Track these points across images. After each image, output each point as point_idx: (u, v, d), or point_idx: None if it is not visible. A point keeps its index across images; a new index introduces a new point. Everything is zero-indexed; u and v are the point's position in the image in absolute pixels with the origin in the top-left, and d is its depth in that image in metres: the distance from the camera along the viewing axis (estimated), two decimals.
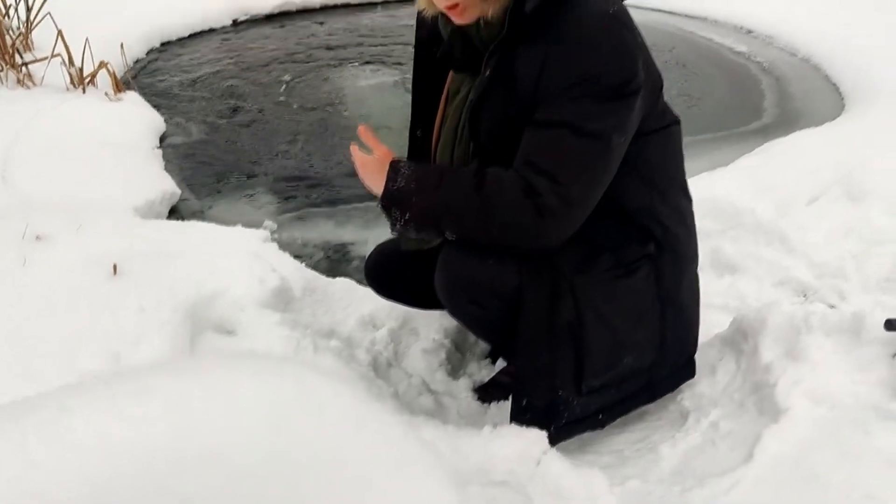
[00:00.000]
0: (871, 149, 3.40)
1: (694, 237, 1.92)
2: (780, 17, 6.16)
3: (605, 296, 1.73)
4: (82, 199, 3.11)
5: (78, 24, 4.85)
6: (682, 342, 1.93)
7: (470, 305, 1.77)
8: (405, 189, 1.62)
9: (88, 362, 2.01)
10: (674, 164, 1.84)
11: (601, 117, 1.54)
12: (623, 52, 1.56)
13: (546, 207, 1.53)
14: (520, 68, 1.58)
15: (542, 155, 1.55)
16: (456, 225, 1.62)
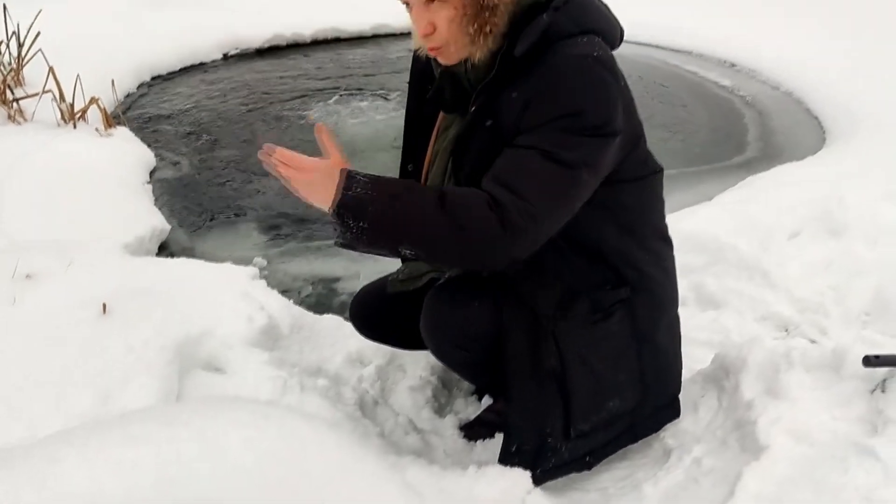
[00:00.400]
0: (850, 182, 3.46)
1: (672, 280, 1.95)
2: (762, 51, 6.26)
3: (585, 341, 1.77)
4: (73, 237, 3.13)
5: (69, 59, 4.90)
6: (663, 382, 1.96)
7: (454, 349, 1.81)
8: (362, 196, 1.51)
9: (77, 403, 2.02)
10: (652, 212, 1.86)
11: (573, 149, 1.55)
12: (603, 94, 1.59)
13: (509, 221, 1.49)
14: (505, 110, 1.61)
15: (510, 172, 1.54)
16: (415, 237, 1.53)
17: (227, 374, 2.26)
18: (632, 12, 7.22)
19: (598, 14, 1.69)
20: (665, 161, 4.33)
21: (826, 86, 5.40)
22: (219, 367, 2.30)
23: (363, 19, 7.31)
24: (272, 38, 7.10)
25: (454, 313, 1.74)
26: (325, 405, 2.04)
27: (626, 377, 1.84)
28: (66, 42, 5.34)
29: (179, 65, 6.43)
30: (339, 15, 7.42)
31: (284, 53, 7.01)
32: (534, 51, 1.57)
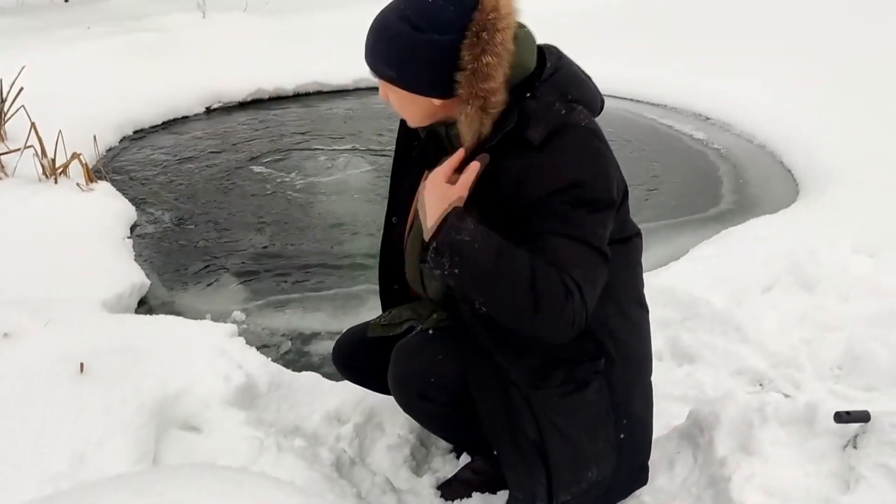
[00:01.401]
0: (822, 236, 3.53)
1: (648, 348, 1.97)
2: (736, 105, 6.38)
3: (561, 411, 1.78)
4: (51, 294, 3.13)
5: (52, 114, 4.95)
6: (637, 450, 1.97)
7: (419, 400, 1.85)
8: (467, 243, 1.57)
9: (52, 465, 2.01)
10: (631, 276, 1.88)
11: (596, 231, 1.63)
12: (603, 164, 1.66)
13: (574, 312, 1.55)
14: (502, 171, 1.65)
15: (574, 266, 1.58)
16: (496, 299, 1.59)
17: (204, 434, 2.25)
18: (608, 67, 7.38)
19: (583, 87, 1.75)
20: (641, 214, 4.43)
21: (799, 138, 5.50)
22: (196, 426, 2.29)
23: (345, 73, 7.40)
24: (255, 92, 7.18)
25: (419, 362, 1.79)
26: (301, 466, 2.03)
27: (604, 445, 1.85)
28: (49, 97, 5.38)
29: (162, 119, 6.49)
30: (321, 69, 7.53)
31: (267, 106, 7.09)
32: (524, 115, 1.62)
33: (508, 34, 1.59)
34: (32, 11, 11.03)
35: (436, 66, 1.60)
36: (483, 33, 1.56)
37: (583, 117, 1.66)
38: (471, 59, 1.57)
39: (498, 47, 1.57)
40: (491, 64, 1.56)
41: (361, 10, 10.06)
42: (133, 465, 2.01)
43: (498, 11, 1.58)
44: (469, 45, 1.57)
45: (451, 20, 1.58)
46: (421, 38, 1.59)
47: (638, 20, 9.15)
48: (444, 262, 1.58)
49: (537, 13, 8.37)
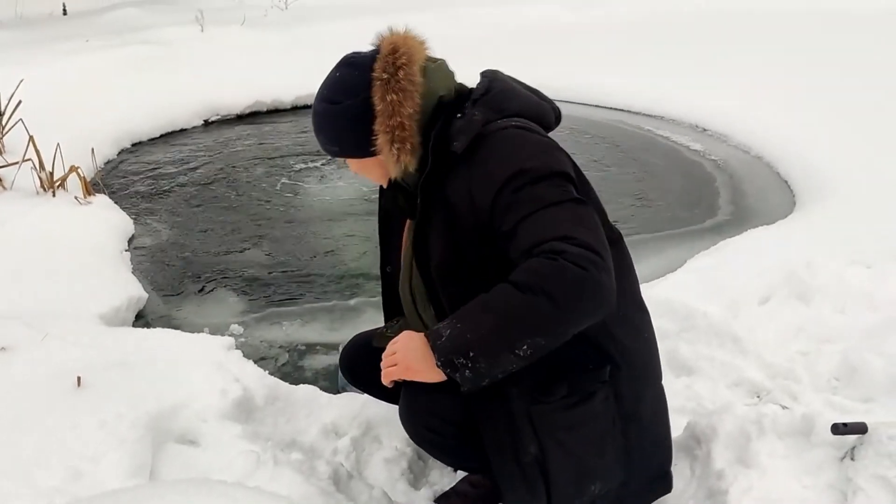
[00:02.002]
0: (818, 247, 3.53)
1: (654, 350, 1.95)
2: (733, 116, 6.39)
3: (565, 425, 1.77)
4: (49, 308, 3.13)
5: (50, 127, 4.96)
6: (650, 458, 1.94)
7: (427, 432, 1.85)
8: (455, 334, 1.56)
9: (48, 479, 2.01)
10: (624, 279, 1.85)
11: (551, 191, 1.62)
12: (533, 148, 1.69)
13: (577, 258, 1.51)
14: (452, 195, 1.71)
15: (537, 232, 1.57)
16: (522, 331, 1.53)
17: (202, 448, 2.25)
18: (606, 79, 7.39)
19: (520, 100, 1.81)
20: (638, 226, 4.44)
21: (795, 150, 5.51)
22: (193, 440, 2.29)
23: None
24: (253, 105, 7.20)
25: (425, 397, 1.78)
26: (298, 480, 2.03)
27: (611, 458, 1.83)
28: (47, 110, 5.41)
29: (160, 131, 6.50)
30: (320, 81, 7.49)
31: (265, 119, 7.11)
32: (459, 138, 1.69)
33: (412, 69, 1.69)
34: (31, 24, 11.08)
35: (358, 127, 1.72)
36: (384, 75, 1.68)
37: (509, 122, 1.72)
38: (379, 102, 1.69)
39: (402, 83, 1.68)
40: (395, 100, 1.67)
41: (359, 22, 10.17)
42: (129, 480, 2.00)
43: (396, 52, 1.70)
44: (376, 91, 1.69)
45: (357, 82, 1.72)
46: (338, 108, 1.74)
47: (635, 33, 9.20)
48: (460, 361, 1.55)
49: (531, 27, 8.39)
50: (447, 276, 1.77)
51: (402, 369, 1.66)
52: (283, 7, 11.64)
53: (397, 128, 1.69)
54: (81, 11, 12.85)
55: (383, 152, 1.72)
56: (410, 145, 1.71)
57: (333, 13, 10.56)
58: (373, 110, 1.70)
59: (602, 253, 1.55)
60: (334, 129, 1.79)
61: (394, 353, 1.68)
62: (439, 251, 1.75)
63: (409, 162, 1.72)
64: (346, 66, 1.78)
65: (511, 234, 1.61)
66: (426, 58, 1.76)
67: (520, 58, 8.39)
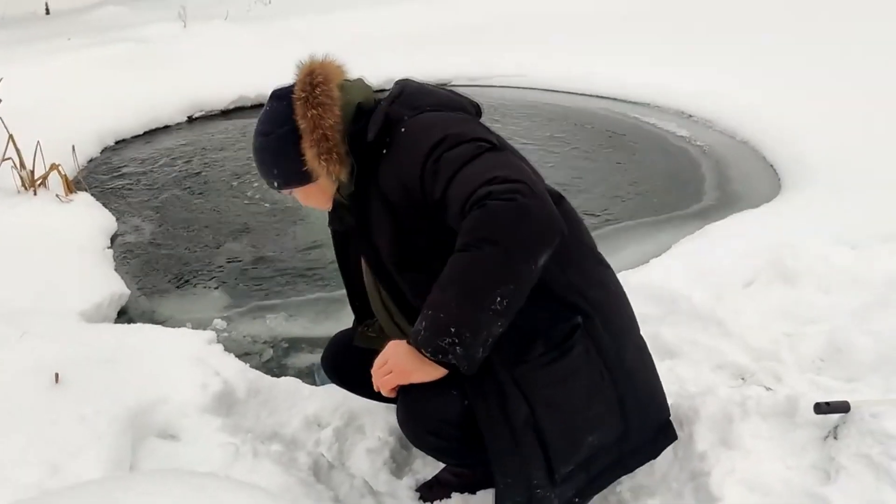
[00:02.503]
0: (802, 230, 3.52)
1: (622, 301, 1.96)
2: (718, 102, 6.38)
3: (549, 381, 1.76)
4: (29, 305, 3.11)
5: (30, 125, 4.92)
6: (646, 407, 1.93)
7: (430, 436, 1.83)
8: (428, 322, 1.60)
9: (26, 475, 1.99)
10: (579, 238, 1.88)
11: (467, 151, 1.67)
12: (445, 122, 1.76)
13: (500, 193, 1.56)
14: (384, 187, 1.77)
15: (464, 189, 1.62)
16: (485, 286, 1.55)
17: (182, 442, 2.24)
18: (591, 66, 7.36)
19: (434, 96, 1.88)
20: (624, 212, 4.42)
21: (781, 134, 5.50)
22: (173, 434, 2.28)
23: None
24: (237, 100, 7.17)
25: (427, 402, 1.77)
26: (277, 471, 2.01)
27: (603, 408, 1.82)
28: (28, 109, 5.37)
29: (143, 128, 6.47)
30: None
31: (249, 114, 7.07)
32: (382, 137, 1.77)
33: (328, 86, 1.79)
34: (13, 24, 11.00)
35: (290, 151, 1.80)
36: (302, 94, 1.78)
37: (424, 111, 1.79)
38: (301, 120, 1.78)
39: (319, 98, 1.77)
40: (315, 115, 1.76)
41: (342, 15, 10.13)
42: (108, 474, 1.98)
43: (312, 73, 1.79)
44: (297, 111, 1.78)
45: (283, 111, 1.81)
46: (270, 139, 1.84)
47: (618, 20, 9.18)
48: (450, 344, 1.58)
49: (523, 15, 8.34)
50: (401, 265, 1.81)
51: (397, 375, 1.70)
52: (267, 1, 11.60)
53: (321, 140, 1.77)
54: (64, 10, 12.78)
55: (313, 167, 1.80)
56: (336, 154, 1.78)
57: (317, 6, 10.52)
58: (300, 132, 1.78)
59: (525, 180, 1.60)
60: (271, 160, 1.87)
61: (385, 363, 1.71)
62: (386, 244, 1.80)
63: (338, 172, 1.80)
64: (273, 100, 1.87)
65: (443, 202, 1.66)
66: (344, 77, 1.86)
67: (505, 47, 8.40)
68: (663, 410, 2.01)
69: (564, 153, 5.69)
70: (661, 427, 2.01)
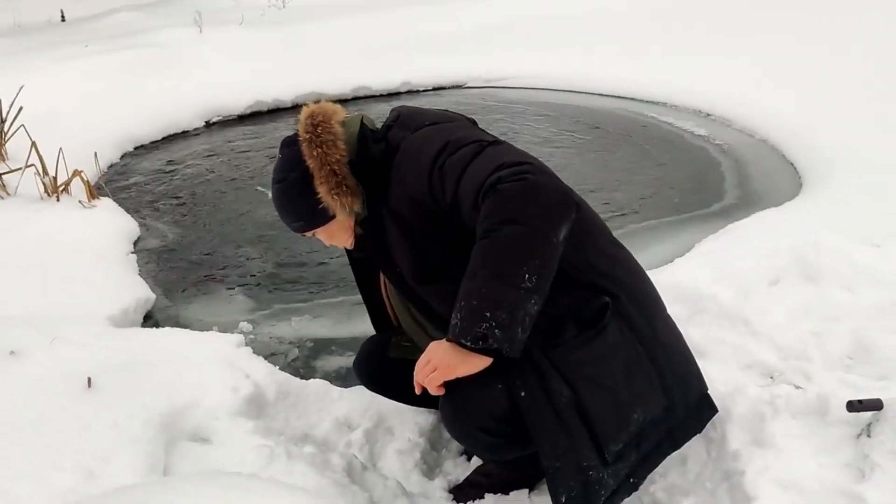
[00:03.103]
0: (826, 227, 3.51)
1: (645, 279, 1.99)
2: (736, 100, 6.36)
3: (587, 360, 1.77)
4: (57, 312, 3.13)
5: (52, 132, 4.98)
6: (684, 380, 1.94)
7: (479, 433, 1.83)
8: (463, 314, 1.63)
9: (62, 481, 2.01)
10: (597, 230, 1.93)
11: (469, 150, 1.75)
12: (447, 131, 1.85)
13: (509, 175, 1.63)
14: (395, 205, 1.84)
15: (473, 185, 1.68)
16: (512, 265, 1.61)
17: (214, 445, 2.25)
18: (608, 66, 7.34)
19: (429, 116, 1.96)
20: (645, 212, 4.41)
21: (800, 131, 5.47)
22: (205, 437, 2.29)
23: (343, 83, 7.41)
24: (253, 105, 7.20)
25: (475, 398, 1.78)
26: (311, 473, 2.02)
27: (644, 384, 1.83)
28: (49, 116, 5.43)
29: (161, 134, 6.51)
30: (319, 79, 7.53)
31: (266, 118, 7.11)
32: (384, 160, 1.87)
33: (330, 124, 1.87)
34: (30, 32, 11.09)
35: (306, 193, 1.88)
36: (306, 135, 1.87)
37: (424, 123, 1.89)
38: (309, 159, 1.85)
39: (322, 136, 1.85)
40: (321, 153, 1.84)
41: (357, 19, 10.15)
42: (142, 479, 1.99)
43: (312, 116, 1.88)
44: (304, 152, 1.86)
45: (294, 156, 1.90)
46: (286, 185, 1.93)
47: (636, 19, 9.17)
48: (488, 329, 1.62)
49: (530, 18, 8.33)
50: (422, 278, 1.87)
51: (442, 371, 1.72)
52: (281, 6, 11.64)
53: (330, 175, 1.85)
54: (80, 17, 12.87)
55: (328, 203, 1.87)
56: (347, 187, 1.86)
57: (330, 11, 10.55)
58: (311, 173, 1.86)
59: (528, 161, 1.70)
60: (291, 205, 1.96)
61: (429, 362, 1.74)
62: (405, 261, 1.87)
63: (351, 203, 1.87)
64: (283, 148, 1.96)
65: (455, 204, 1.72)
66: (343, 116, 1.94)
67: (520, 49, 8.39)
68: (702, 382, 2.03)
69: (582, 153, 5.69)
70: (703, 398, 2.03)
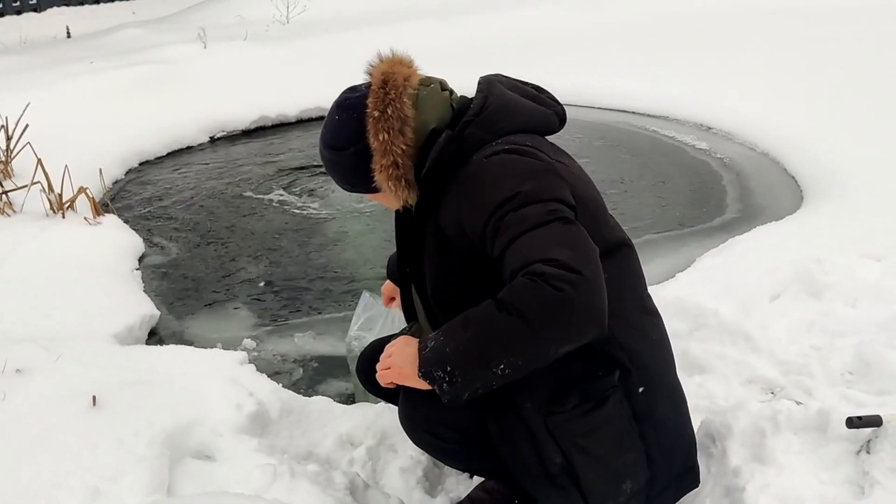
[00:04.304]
0: (828, 242, 3.53)
1: (664, 349, 1.95)
2: (738, 114, 6.38)
3: (582, 430, 1.78)
4: (62, 329, 3.15)
5: (57, 149, 5.01)
6: (671, 454, 1.93)
7: (429, 436, 1.88)
8: (436, 346, 1.61)
9: (67, 499, 2.03)
10: (629, 288, 1.86)
11: (536, 213, 1.61)
12: (521, 172, 1.69)
13: (555, 279, 1.49)
14: (444, 224, 1.78)
15: (522, 256, 1.57)
16: (498, 350, 1.54)
17: (218, 463, 2.27)
18: (610, 80, 7.34)
19: (516, 114, 1.83)
20: (646, 226, 4.42)
21: (802, 145, 5.49)
22: (209, 455, 2.31)
23: None
24: (258, 120, 7.23)
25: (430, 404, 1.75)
26: (315, 491, 2.04)
27: (634, 456, 1.83)
28: (54, 133, 5.45)
29: (166, 150, 6.54)
30: (324, 94, 7.51)
31: (270, 133, 7.13)
32: (441, 167, 1.76)
33: (401, 104, 1.76)
34: (35, 49, 11.15)
35: (362, 168, 1.80)
36: (375, 112, 1.75)
37: (500, 147, 1.74)
38: (373, 140, 1.77)
39: (391, 120, 1.75)
40: (385, 140, 1.75)
41: (360, 33, 10.16)
42: (148, 497, 2.02)
43: (385, 87, 1.77)
44: (370, 131, 1.77)
45: (355, 127, 1.79)
46: (343, 155, 1.83)
47: (637, 33, 9.20)
48: (438, 374, 1.59)
49: (534, 31, 8.36)
50: (439, 299, 1.85)
51: (395, 374, 1.73)
52: (285, 21, 11.68)
53: (391, 166, 1.77)
54: (85, 34, 12.92)
55: (383, 188, 1.81)
56: (406, 181, 1.79)
57: (335, 25, 10.59)
58: (371, 151, 1.78)
59: (584, 271, 1.52)
60: (344, 173, 1.89)
61: (389, 356, 1.74)
62: (432, 278, 1.84)
63: (407, 196, 1.81)
64: (342, 111, 1.84)
65: (500, 260, 1.63)
66: (419, 82, 1.82)
67: (523, 62, 8.42)
68: (690, 457, 2.01)
69: (583, 166, 5.69)
70: (686, 471, 2.00)
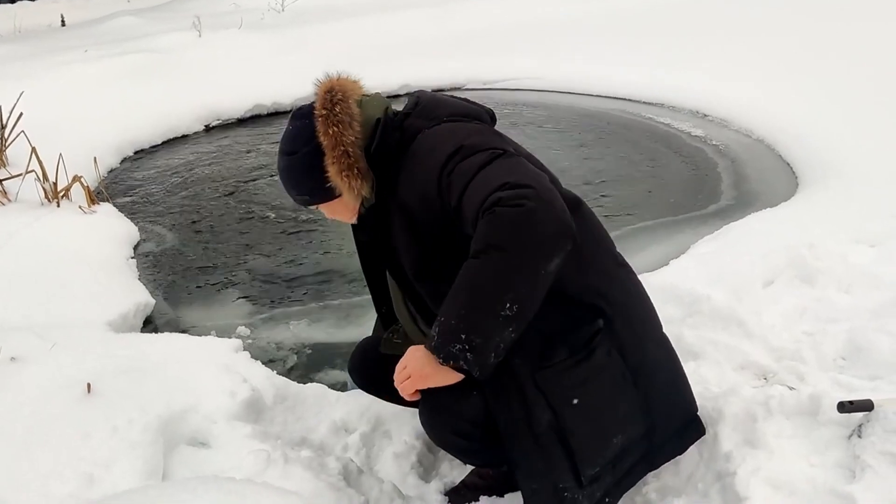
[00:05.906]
0: (821, 228, 3.53)
1: (644, 300, 1.99)
2: (733, 101, 6.38)
3: (573, 383, 1.78)
4: (57, 317, 3.15)
5: (52, 138, 5.00)
6: (672, 403, 1.95)
7: (453, 437, 1.87)
8: (442, 328, 1.63)
9: (62, 486, 2.03)
10: (599, 239, 1.92)
11: (479, 159, 1.70)
12: (463, 133, 1.81)
13: (509, 198, 1.57)
14: (404, 198, 1.82)
15: (477, 197, 1.63)
16: (494, 291, 1.58)
17: (213, 449, 2.27)
18: (605, 68, 7.34)
19: (450, 105, 1.95)
20: (641, 212, 4.43)
21: (797, 132, 5.49)
22: (203, 441, 2.31)
23: None
24: (253, 108, 7.22)
25: (450, 403, 1.81)
26: (308, 477, 2.04)
27: (627, 408, 1.85)
28: (49, 122, 5.44)
29: (161, 138, 6.54)
30: None
31: (265, 121, 7.13)
32: (389, 147, 1.85)
33: (347, 102, 1.84)
34: (30, 37, 11.11)
35: (315, 169, 1.85)
36: (323, 111, 1.83)
37: (440, 122, 1.85)
38: (323, 137, 1.83)
39: (339, 115, 1.82)
40: (336, 132, 1.82)
41: (356, 22, 10.15)
42: (142, 484, 2.01)
43: (331, 91, 1.85)
44: (319, 128, 1.83)
45: (305, 130, 1.87)
46: (296, 158, 1.90)
47: (633, 21, 9.18)
48: (456, 347, 1.61)
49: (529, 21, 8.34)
50: (420, 274, 1.86)
51: (416, 379, 1.74)
52: (280, 9, 11.65)
53: (342, 156, 1.82)
54: (80, 22, 12.89)
55: (337, 183, 1.85)
56: (358, 170, 1.84)
57: (329, 14, 10.57)
58: (323, 150, 1.84)
59: (534, 184, 1.61)
60: (298, 178, 1.93)
61: (405, 367, 1.76)
62: (406, 254, 1.85)
63: (360, 187, 1.85)
64: (295, 119, 1.93)
65: (458, 212, 1.69)
66: (361, 93, 1.91)
67: (518, 51, 8.41)
68: (690, 405, 2.03)
69: (579, 154, 5.71)
70: (688, 422, 2.03)
